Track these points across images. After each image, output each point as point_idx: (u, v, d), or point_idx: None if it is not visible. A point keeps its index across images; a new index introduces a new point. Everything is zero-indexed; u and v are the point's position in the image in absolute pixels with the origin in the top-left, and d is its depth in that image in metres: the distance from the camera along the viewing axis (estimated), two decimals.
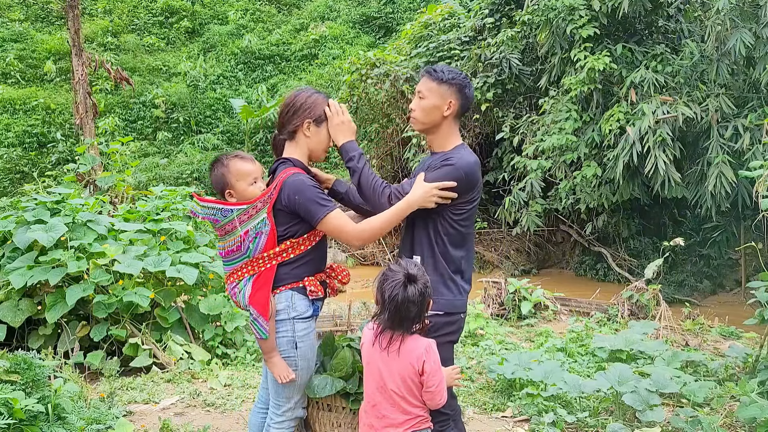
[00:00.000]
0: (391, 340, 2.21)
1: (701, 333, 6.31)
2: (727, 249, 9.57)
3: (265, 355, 2.47)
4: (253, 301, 2.41)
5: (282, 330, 2.45)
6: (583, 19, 8.95)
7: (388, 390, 2.21)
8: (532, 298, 7.10)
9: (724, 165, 7.82)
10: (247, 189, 2.53)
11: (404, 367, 2.19)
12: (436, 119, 2.55)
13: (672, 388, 3.86)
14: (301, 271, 2.47)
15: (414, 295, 2.17)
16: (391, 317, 2.19)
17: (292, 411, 2.53)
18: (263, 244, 2.42)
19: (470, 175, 2.47)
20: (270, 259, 2.43)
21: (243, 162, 2.55)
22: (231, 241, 2.47)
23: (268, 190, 2.46)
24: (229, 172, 2.54)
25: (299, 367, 2.47)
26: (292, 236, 2.45)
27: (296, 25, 20.70)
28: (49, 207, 5.37)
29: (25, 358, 3.10)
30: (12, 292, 5.00)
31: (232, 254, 2.49)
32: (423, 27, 12.73)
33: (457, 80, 2.52)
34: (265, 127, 16.66)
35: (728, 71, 8.11)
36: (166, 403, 4.29)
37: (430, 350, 2.21)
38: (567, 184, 9.33)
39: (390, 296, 2.17)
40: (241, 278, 2.47)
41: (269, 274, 2.43)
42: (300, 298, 2.46)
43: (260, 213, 2.43)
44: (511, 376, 4.31)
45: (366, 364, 2.30)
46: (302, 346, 2.46)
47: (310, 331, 2.49)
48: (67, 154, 15.26)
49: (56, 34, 19.26)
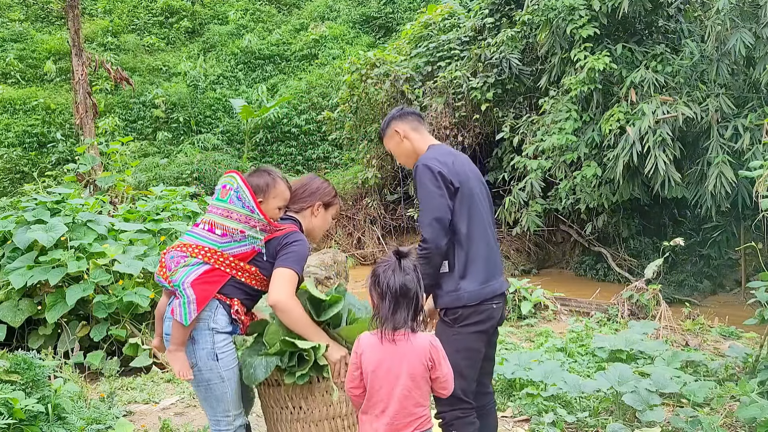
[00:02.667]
0: (396, 335, 2.17)
1: (701, 333, 6.31)
2: (727, 249, 9.57)
3: (171, 346, 2.48)
4: (195, 285, 2.44)
5: (201, 341, 2.48)
6: (583, 19, 8.95)
7: (396, 392, 2.18)
8: (532, 298, 7.10)
9: (724, 165, 7.82)
10: (274, 210, 2.65)
11: (413, 365, 2.17)
12: (409, 148, 2.83)
13: (672, 388, 3.86)
14: (237, 294, 2.55)
15: (408, 268, 2.17)
16: (391, 305, 2.16)
17: (232, 423, 2.55)
18: (240, 252, 2.53)
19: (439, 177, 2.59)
20: (230, 266, 2.51)
21: (286, 189, 2.71)
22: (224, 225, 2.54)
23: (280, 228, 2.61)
24: (273, 187, 2.65)
25: (225, 378, 2.50)
26: (259, 268, 2.56)
27: (296, 25, 20.70)
28: (49, 207, 5.37)
29: (25, 358, 3.10)
30: (12, 292, 5.00)
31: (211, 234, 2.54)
32: (423, 27, 12.73)
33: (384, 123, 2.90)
34: (265, 127, 16.66)
35: (728, 71, 8.11)
36: (166, 403, 4.29)
37: (435, 342, 2.20)
38: (567, 184, 9.33)
39: (386, 280, 2.16)
40: (195, 256, 2.49)
41: (223, 278, 2.51)
42: (223, 313, 2.52)
43: (260, 233, 2.55)
44: (511, 376, 4.31)
45: (371, 372, 2.22)
46: (224, 357, 2.49)
47: (228, 343, 2.53)
48: (67, 154, 15.26)
49: (56, 34, 19.25)
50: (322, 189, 2.81)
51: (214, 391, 2.49)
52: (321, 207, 2.78)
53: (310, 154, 16.57)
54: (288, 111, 16.84)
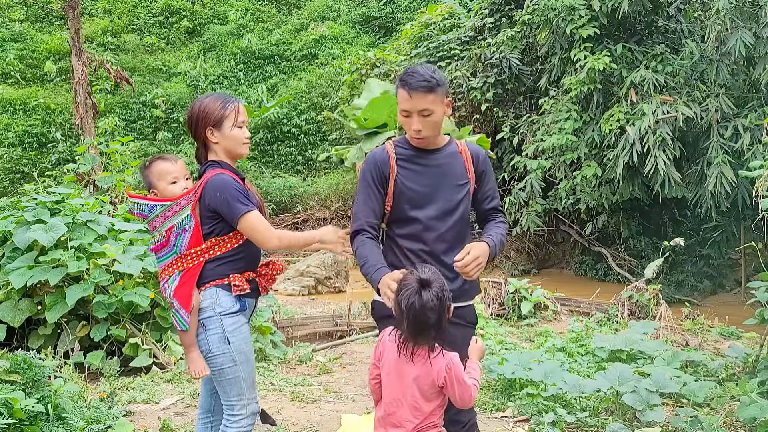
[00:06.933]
0: (414, 352, 2.14)
1: (701, 333, 6.31)
2: (727, 249, 9.57)
3: (185, 349, 2.53)
4: (176, 294, 2.47)
5: (211, 327, 2.48)
6: (583, 19, 8.95)
7: (405, 401, 2.16)
8: (532, 298, 7.10)
9: (724, 165, 7.82)
10: (167, 188, 2.61)
11: (425, 383, 2.14)
12: (441, 123, 2.45)
13: (672, 388, 3.86)
14: (226, 268, 2.52)
15: (430, 300, 2.08)
16: (410, 327, 2.11)
17: (246, 408, 2.53)
18: (188, 240, 2.50)
19: None
20: (197, 256, 2.50)
21: (163, 162, 2.65)
22: (158, 236, 2.55)
23: (193, 188, 2.53)
24: (150, 173, 2.64)
25: (238, 361, 2.49)
26: (216, 234, 2.51)
27: (296, 25, 20.70)
28: (49, 207, 5.36)
29: (25, 358, 3.10)
30: (12, 292, 4.99)
31: (161, 250, 2.56)
32: (423, 27, 12.75)
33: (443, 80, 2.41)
34: (265, 127, 16.66)
35: (728, 71, 8.11)
36: (166, 403, 4.29)
37: (452, 366, 2.14)
38: (567, 184, 9.33)
39: (407, 305, 2.09)
40: (171, 274, 2.52)
41: (195, 271, 2.50)
42: (224, 294, 2.50)
43: (184, 210, 2.50)
44: (511, 376, 4.31)
45: (386, 374, 2.21)
46: (235, 341, 2.48)
47: (240, 325, 2.51)
48: (67, 154, 15.25)
49: (56, 34, 19.25)
50: (201, 113, 2.55)
51: (227, 375, 2.49)
52: (213, 131, 2.55)
53: (310, 154, 16.57)
54: (288, 111, 16.85)
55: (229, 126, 2.56)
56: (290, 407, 4.24)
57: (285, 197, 14.85)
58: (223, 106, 2.56)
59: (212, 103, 2.57)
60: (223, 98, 2.60)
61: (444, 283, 2.14)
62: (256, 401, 2.59)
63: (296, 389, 4.58)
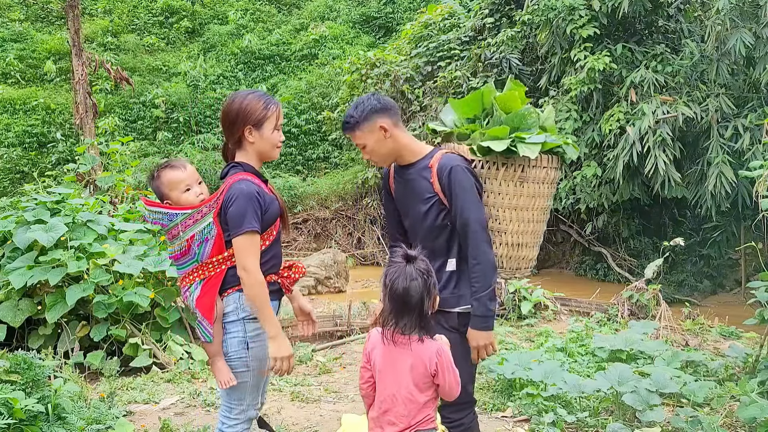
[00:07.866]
0: (400, 339, 2.15)
1: (701, 333, 6.30)
2: (727, 249, 9.57)
3: (209, 359, 2.48)
4: (199, 304, 2.41)
5: (233, 331, 2.42)
6: (583, 19, 8.96)
7: (400, 395, 2.17)
8: (532, 298, 7.10)
9: (724, 165, 7.82)
10: (180, 197, 2.52)
11: (417, 371, 2.15)
12: (389, 147, 2.53)
13: (672, 388, 3.86)
14: None
15: (413, 273, 2.10)
16: (393, 303, 2.11)
17: (245, 413, 2.50)
18: (210, 249, 2.41)
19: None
20: (219, 264, 2.42)
21: (172, 171, 2.55)
22: (178, 245, 2.48)
23: (215, 195, 2.43)
24: (161, 184, 2.55)
25: (251, 368, 2.45)
26: None
27: (296, 25, 20.69)
28: (49, 207, 5.36)
29: (25, 358, 3.09)
30: (12, 292, 5.00)
31: (182, 258, 2.49)
32: (423, 27, 12.74)
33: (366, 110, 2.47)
34: None
35: (728, 71, 8.11)
36: (166, 403, 4.29)
37: (442, 352, 2.16)
38: (567, 184, 9.33)
39: (392, 280, 2.10)
40: (192, 282, 2.46)
41: (218, 279, 2.42)
42: None
43: (206, 218, 2.41)
44: (511, 376, 4.31)
45: (378, 372, 2.22)
46: (254, 347, 2.43)
47: (262, 332, 2.42)
48: (67, 154, 15.24)
49: (56, 34, 19.24)
50: (242, 111, 2.44)
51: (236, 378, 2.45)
52: (252, 131, 2.45)
53: (310, 154, 16.57)
54: (288, 111, 16.84)
55: (270, 128, 2.47)
56: (290, 407, 4.24)
57: (285, 197, 14.85)
58: (265, 106, 2.45)
59: (255, 101, 2.46)
60: (265, 98, 2.48)
61: (431, 269, 2.16)
62: (256, 407, 2.55)
63: (296, 389, 4.58)
